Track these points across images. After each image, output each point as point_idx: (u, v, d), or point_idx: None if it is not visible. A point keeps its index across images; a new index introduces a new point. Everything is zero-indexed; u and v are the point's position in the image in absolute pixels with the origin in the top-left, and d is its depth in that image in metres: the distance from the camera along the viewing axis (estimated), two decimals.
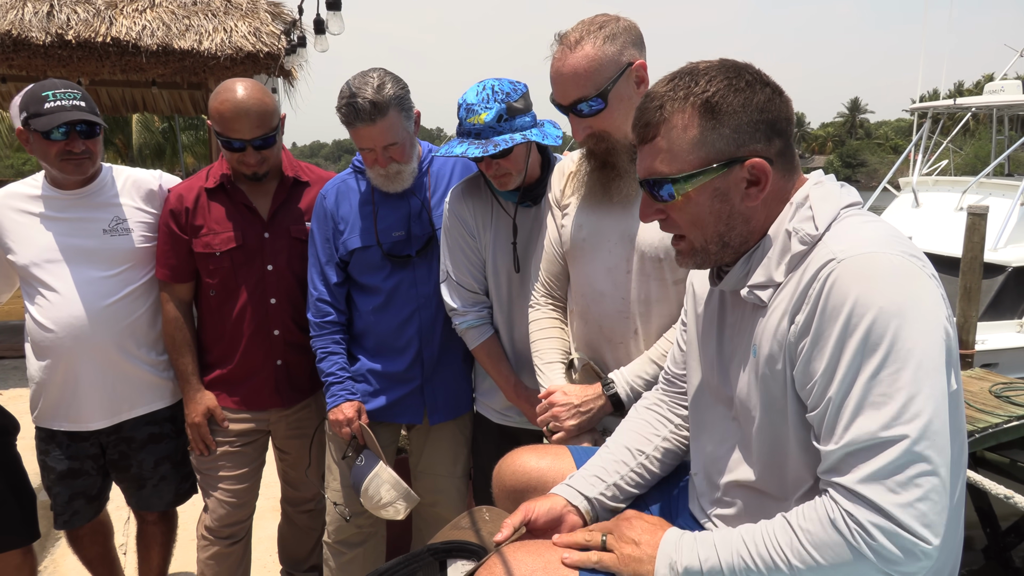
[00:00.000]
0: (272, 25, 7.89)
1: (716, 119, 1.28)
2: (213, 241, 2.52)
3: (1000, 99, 13.27)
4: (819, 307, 1.17)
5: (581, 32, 1.84)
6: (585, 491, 1.58)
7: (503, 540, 1.45)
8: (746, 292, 1.34)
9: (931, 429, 1.08)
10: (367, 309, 2.52)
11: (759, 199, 1.31)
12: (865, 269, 1.14)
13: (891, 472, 1.08)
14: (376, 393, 2.55)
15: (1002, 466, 6.14)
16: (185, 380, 2.60)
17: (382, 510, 2.44)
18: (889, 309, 1.11)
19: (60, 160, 2.34)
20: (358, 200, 2.50)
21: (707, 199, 1.31)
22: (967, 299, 7.51)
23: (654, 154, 1.33)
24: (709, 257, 1.38)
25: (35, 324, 2.43)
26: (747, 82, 1.30)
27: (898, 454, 1.08)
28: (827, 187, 1.32)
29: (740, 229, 1.34)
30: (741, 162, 1.29)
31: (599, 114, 1.86)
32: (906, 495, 1.07)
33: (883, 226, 1.24)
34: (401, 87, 2.31)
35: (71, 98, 2.32)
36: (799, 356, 1.21)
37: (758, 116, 1.29)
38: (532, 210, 2.36)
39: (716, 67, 1.32)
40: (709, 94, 1.28)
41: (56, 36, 7.01)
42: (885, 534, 1.07)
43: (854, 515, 1.10)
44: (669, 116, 1.30)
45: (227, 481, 2.66)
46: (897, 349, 1.10)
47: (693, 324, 1.59)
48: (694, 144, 1.29)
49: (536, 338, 2.22)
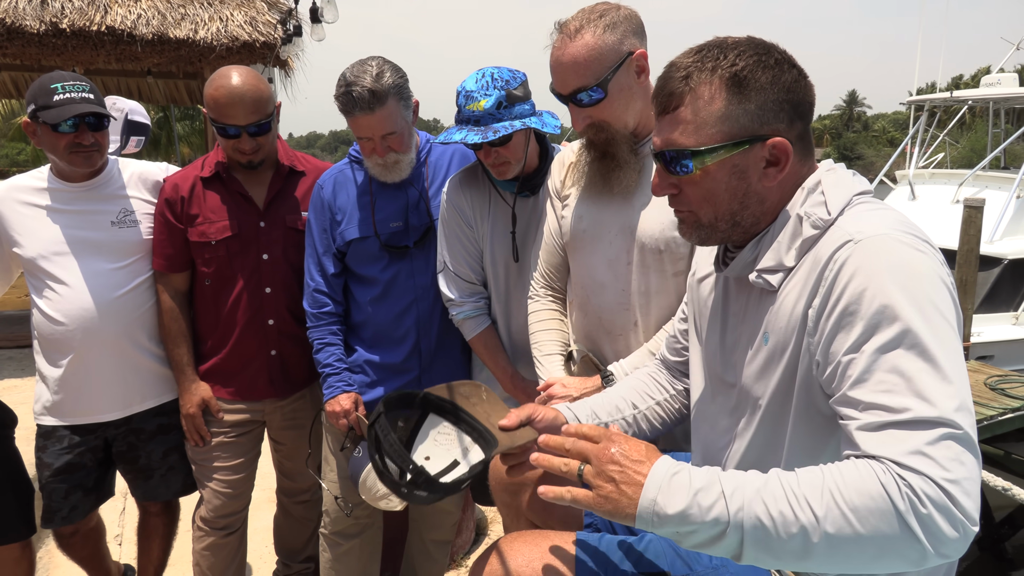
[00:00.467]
0: (268, 14, 7.85)
1: (743, 94, 1.26)
2: (209, 230, 2.51)
3: (997, 92, 13.26)
4: (836, 288, 1.15)
5: (581, 21, 1.82)
6: (581, 419, 1.61)
7: (509, 427, 1.51)
8: (755, 276, 1.32)
9: (967, 407, 1.05)
10: (365, 300, 2.51)
11: (776, 180, 1.29)
12: (882, 249, 1.13)
13: (938, 448, 1.02)
14: (373, 384, 2.54)
15: (997, 458, 6.18)
16: (180, 371, 2.59)
17: (380, 501, 2.43)
18: (910, 288, 1.09)
19: (69, 153, 2.34)
20: (356, 190, 2.49)
21: (725, 175, 1.29)
22: (963, 292, 7.54)
23: (675, 125, 1.30)
24: (716, 234, 1.36)
25: (44, 317, 2.42)
26: (776, 60, 1.28)
27: (943, 431, 1.02)
28: (839, 174, 1.31)
29: (753, 209, 1.32)
30: (763, 140, 1.27)
31: (599, 104, 1.85)
32: (956, 471, 1.01)
33: (894, 212, 1.22)
34: (400, 76, 2.30)
35: (80, 90, 2.32)
36: (820, 339, 1.18)
37: (784, 96, 1.27)
38: (530, 200, 2.35)
39: (745, 42, 1.30)
40: (738, 68, 1.26)
41: (51, 25, 6.97)
42: (937, 507, 1.00)
43: (909, 481, 1.01)
44: (695, 87, 1.28)
45: (222, 472, 2.65)
46: (923, 327, 1.07)
47: (694, 315, 1.58)
48: (718, 117, 1.27)
49: (535, 329, 2.21)
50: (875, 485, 1.02)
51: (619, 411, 1.69)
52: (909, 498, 1.00)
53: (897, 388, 1.06)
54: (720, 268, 1.45)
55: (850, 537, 1.02)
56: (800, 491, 1.05)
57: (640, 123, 1.94)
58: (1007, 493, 3.74)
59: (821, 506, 1.03)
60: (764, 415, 1.32)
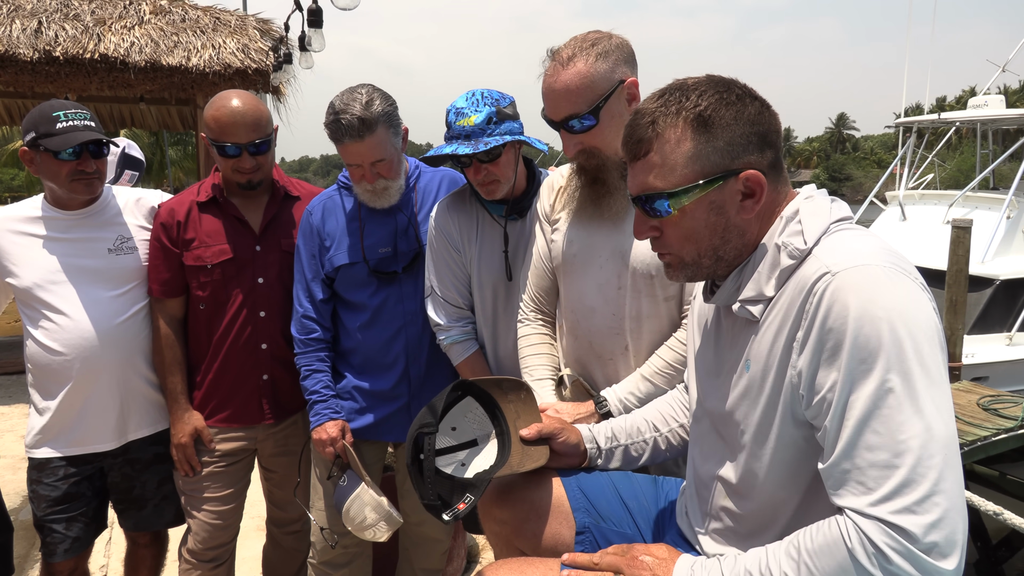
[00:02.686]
0: (260, 42, 7.90)
1: (709, 132, 1.28)
2: (204, 254, 2.51)
3: (984, 114, 13.41)
4: (817, 323, 1.16)
5: (574, 49, 1.84)
6: (601, 443, 1.76)
7: (526, 438, 1.69)
8: (737, 307, 1.33)
9: (945, 444, 1.05)
10: (353, 326, 2.49)
11: (754, 211, 1.31)
12: (860, 281, 1.13)
13: (910, 492, 1.04)
14: (363, 411, 2.52)
15: (992, 479, 6.14)
16: (174, 399, 2.56)
17: (364, 532, 2.41)
18: (890, 321, 1.10)
19: (71, 180, 2.34)
20: (344, 216, 2.49)
21: (703, 213, 1.31)
22: (953, 312, 7.56)
23: (647, 170, 1.32)
24: (702, 270, 1.37)
25: (40, 348, 2.39)
26: (737, 96, 1.30)
27: (915, 473, 1.04)
28: (817, 202, 1.31)
29: (735, 242, 1.33)
30: (736, 174, 1.28)
31: (590, 130, 1.86)
32: (926, 516, 1.03)
33: (873, 239, 1.23)
34: (389, 103, 2.31)
35: (82, 118, 2.33)
36: (804, 373, 1.19)
37: (750, 128, 1.29)
38: (518, 223, 2.35)
39: (705, 82, 1.33)
40: (701, 108, 1.28)
41: (44, 52, 6.99)
42: (904, 557, 1.03)
43: (871, 537, 1.05)
44: (662, 131, 1.30)
45: (212, 503, 2.62)
46: (903, 360, 1.08)
47: (691, 338, 1.59)
48: (689, 158, 1.29)
49: (525, 354, 2.20)
50: (840, 547, 1.08)
51: (640, 433, 1.76)
52: (874, 556, 1.05)
53: (876, 427, 1.08)
54: (707, 297, 1.46)
55: None
56: (777, 565, 1.16)
57: None
58: (998, 518, 3.72)
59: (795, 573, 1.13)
60: (746, 442, 1.32)
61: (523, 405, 1.74)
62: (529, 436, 1.68)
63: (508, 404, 1.74)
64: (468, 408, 1.75)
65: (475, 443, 1.74)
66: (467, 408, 1.75)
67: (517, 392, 1.75)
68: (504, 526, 1.71)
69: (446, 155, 2.16)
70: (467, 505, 1.57)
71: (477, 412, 1.76)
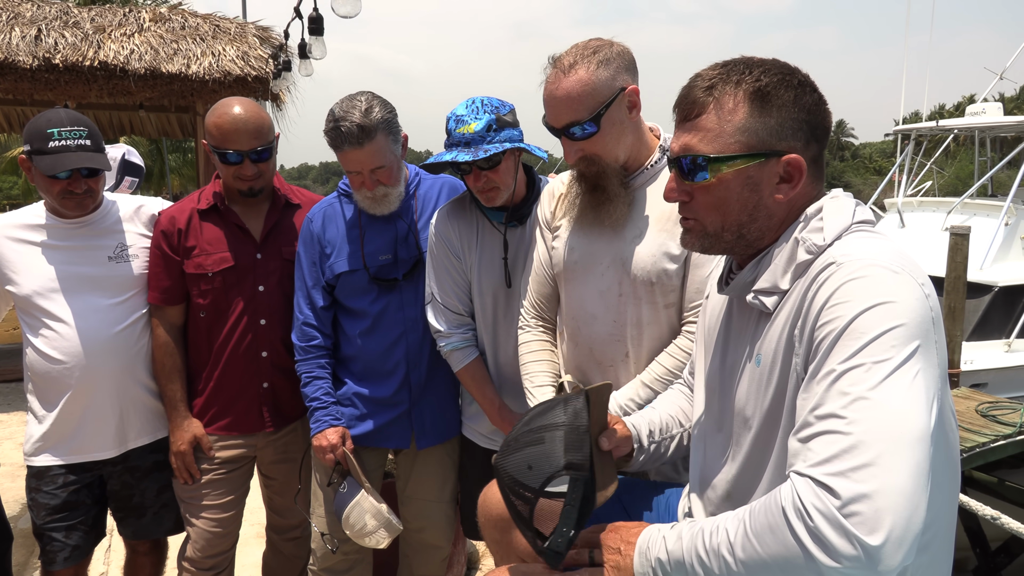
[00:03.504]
0: (260, 49, 7.92)
1: (765, 108, 1.29)
2: (205, 262, 2.51)
3: (982, 121, 13.44)
4: (814, 309, 1.17)
5: (575, 56, 1.85)
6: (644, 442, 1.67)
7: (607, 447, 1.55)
8: (751, 297, 1.33)
9: (908, 433, 1.02)
10: (354, 333, 2.50)
11: (788, 196, 1.31)
12: (861, 274, 1.14)
13: (847, 458, 1.01)
14: (363, 417, 2.52)
15: (991, 485, 6.14)
16: (173, 407, 2.56)
17: (364, 539, 2.41)
18: (879, 310, 1.09)
19: (61, 198, 2.33)
20: (345, 224, 2.49)
21: (738, 185, 1.31)
22: (951, 319, 7.56)
23: (695, 132, 1.33)
24: (719, 244, 1.38)
25: (39, 356, 2.39)
26: (799, 82, 1.31)
27: (859, 442, 1.01)
28: (842, 202, 1.32)
29: (761, 223, 1.34)
30: (779, 156, 1.29)
31: (591, 137, 1.87)
32: (858, 485, 0.99)
33: (890, 245, 1.23)
34: (389, 111, 2.31)
35: (76, 136, 2.29)
36: (802, 361, 1.19)
37: (804, 116, 1.30)
38: (518, 230, 2.36)
39: (771, 62, 1.34)
40: (763, 84, 1.29)
41: (43, 60, 7.01)
42: (825, 517, 0.99)
43: (801, 495, 1.03)
44: (719, 97, 1.31)
45: (211, 510, 2.61)
46: (885, 348, 1.07)
47: (703, 334, 1.59)
48: (738, 128, 1.29)
49: (526, 360, 2.20)
50: (775, 505, 1.07)
51: (669, 429, 1.72)
52: (800, 512, 1.03)
53: (834, 398, 1.07)
54: (722, 287, 1.47)
55: (756, 559, 1.08)
56: (724, 523, 1.16)
57: (630, 157, 1.96)
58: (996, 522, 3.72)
59: (735, 532, 1.12)
60: (754, 437, 1.32)
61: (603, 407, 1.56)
62: (608, 447, 1.55)
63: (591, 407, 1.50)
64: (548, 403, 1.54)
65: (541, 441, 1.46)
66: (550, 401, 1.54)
67: (601, 395, 1.54)
68: (504, 533, 1.71)
69: (446, 162, 2.17)
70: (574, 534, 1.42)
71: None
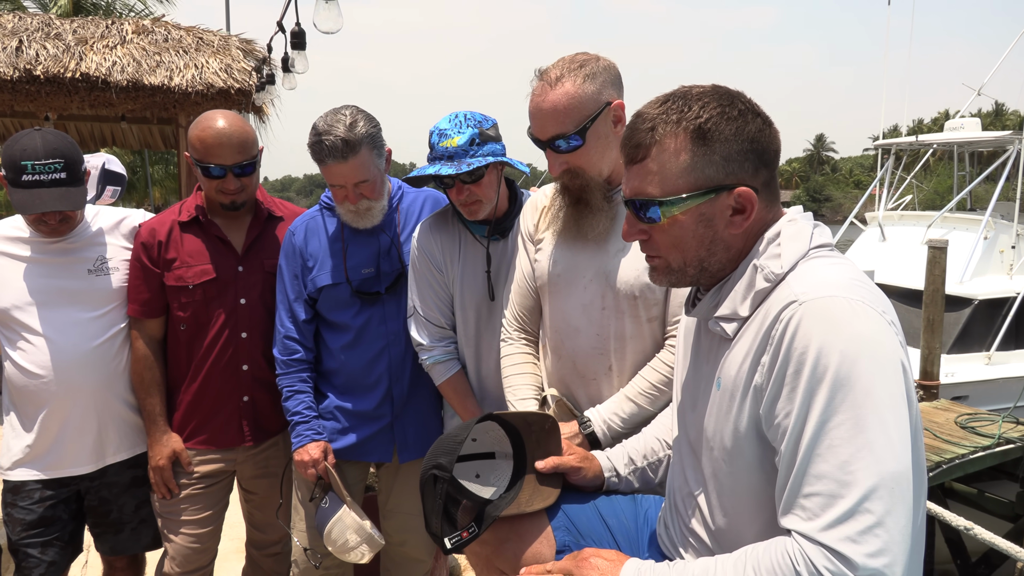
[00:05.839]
0: (243, 62, 7.92)
1: (707, 146, 1.28)
2: (186, 274, 2.49)
3: (960, 136, 13.64)
4: (782, 350, 1.17)
5: (562, 69, 1.86)
6: (621, 471, 1.76)
7: (541, 470, 1.67)
8: (712, 323, 1.35)
9: (894, 478, 1.07)
10: (336, 346, 2.49)
11: (743, 227, 1.31)
12: (825, 312, 1.15)
13: (853, 522, 1.07)
14: (345, 431, 2.50)
15: (970, 497, 6.19)
16: (152, 421, 2.53)
17: (346, 554, 2.39)
18: (850, 354, 1.11)
19: (36, 225, 2.32)
20: (327, 237, 2.49)
21: (692, 223, 1.31)
22: (931, 331, 7.63)
23: (643, 175, 1.33)
24: (686, 278, 1.38)
25: (17, 370, 2.36)
26: (740, 111, 1.30)
27: (860, 502, 1.07)
28: (799, 225, 1.32)
29: (720, 256, 1.34)
30: (729, 190, 1.29)
31: (576, 151, 1.88)
32: (866, 546, 1.05)
33: (847, 270, 1.24)
34: (373, 125, 2.32)
35: (51, 170, 2.23)
36: (765, 397, 1.20)
37: (748, 146, 1.29)
38: (500, 244, 2.36)
39: (709, 93, 1.33)
40: (702, 120, 1.28)
41: (24, 72, 6.97)
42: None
43: (814, 561, 1.08)
44: (661, 139, 1.30)
45: (190, 525, 2.58)
46: (859, 393, 1.10)
47: (678, 353, 1.60)
48: (684, 169, 1.29)
49: (509, 373, 2.20)
50: (785, 568, 1.11)
51: (654, 453, 1.76)
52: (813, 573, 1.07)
53: (827, 455, 1.10)
54: (688, 310, 1.47)
55: None
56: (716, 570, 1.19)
57: (614, 171, 1.97)
58: (969, 533, 3.75)
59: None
60: (717, 459, 1.33)
61: (546, 435, 1.71)
62: (544, 469, 1.66)
63: (531, 435, 1.70)
64: (492, 427, 1.73)
65: (492, 456, 1.73)
66: (491, 426, 1.72)
67: (542, 423, 1.71)
68: (485, 546, 1.70)
69: (429, 175, 2.17)
70: (470, 535, 1.55)
71: (499, 432, 1.73)
